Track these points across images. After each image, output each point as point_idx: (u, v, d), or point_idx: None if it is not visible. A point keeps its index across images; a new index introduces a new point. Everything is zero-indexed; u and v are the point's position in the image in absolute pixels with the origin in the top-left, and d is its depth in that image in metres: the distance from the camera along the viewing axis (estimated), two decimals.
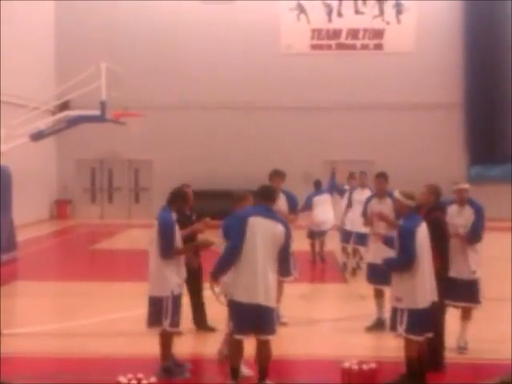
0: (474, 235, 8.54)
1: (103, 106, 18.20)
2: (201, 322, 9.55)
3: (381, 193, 9.93)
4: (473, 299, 8.59)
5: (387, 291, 9.57)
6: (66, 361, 8.30)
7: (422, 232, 7.19)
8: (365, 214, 10.13)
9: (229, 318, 6.93)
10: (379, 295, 9.78)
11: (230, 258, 6.86)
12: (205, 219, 8.28)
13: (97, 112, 18.29)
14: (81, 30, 26.44)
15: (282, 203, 9.89)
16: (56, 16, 26.56)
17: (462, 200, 8.60)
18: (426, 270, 7.16)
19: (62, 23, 26.54)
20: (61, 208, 26.85)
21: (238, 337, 6.86)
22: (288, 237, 6.96)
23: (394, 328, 7.23)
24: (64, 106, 21.38)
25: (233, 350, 6.98)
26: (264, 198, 7.06)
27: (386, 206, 9.61)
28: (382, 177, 10.04)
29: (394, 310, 7.23)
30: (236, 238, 6.85)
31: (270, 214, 6.97)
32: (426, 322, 7.15)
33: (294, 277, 9.84)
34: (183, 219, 9.08)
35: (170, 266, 7.51)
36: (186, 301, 9.38)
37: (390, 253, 9.09)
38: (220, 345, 8.00)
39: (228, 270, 6.89)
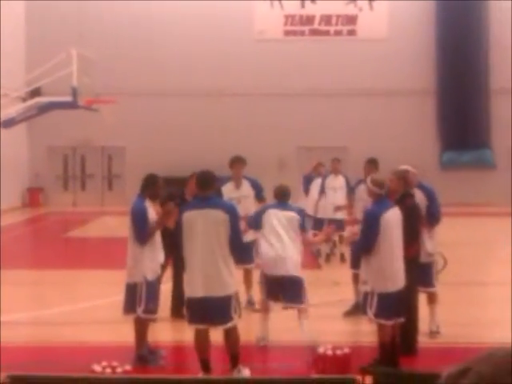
0: (433, 218, 8.52)
1: (75, 92, 18.03)
2: (176, 310, 9.50)
3: None
4: (428, 283, 8.50)
5: None
6: (40, 349, 8.27)
7: (392, 216, 7.24)
8: (352, 199, 10.11)
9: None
10: (357, 280, 9.82)
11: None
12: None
13: (68, 98, 18.13)
14: (51, 15, 26.13)
15: (246, 190, 9.87)
16: (26, 2, 26.20)
17: (408, 183, 8.46)
18: (395, 255, 7.23)
19: (32, 9, 26.21)
20: (33, 196, 26.62)
21: (194, 327, 6.89)
22: (234, 222, 6.77)
23: (365, 312, 7.33)
24: (35, 93, 21.13)
25: (196, 341, 6.91)
26: (200, 188, 6.91)
27: None
28: (372, 163, 9.97)
29: (365, 294, 7.31)
30: (178, 237, 6.91)
31: (206, 203, 6.78)
32: (396, 307, 7.23)
33: (255, 263, 9.88)
34: (181, 201, 9.05)
35: (144, 253, 7.54)
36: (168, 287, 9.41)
37: None
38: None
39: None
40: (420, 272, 8.15)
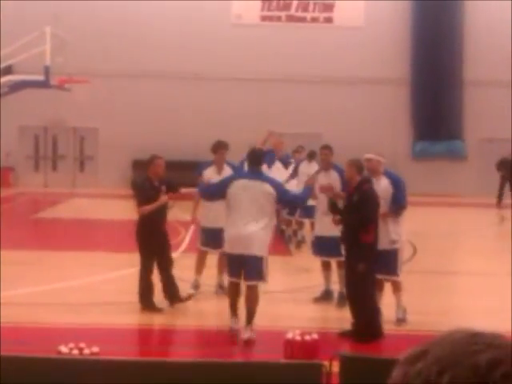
0: (398, 206, 8.50)
1: (47, 71, 17.79)
2: (174, 297, 9.12)
3: (326, 165, 9.91)
4: (390, 271, 8.44)
5: (334, 263, 9.71)
6: (7, 329, 8.18)
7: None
8: (312, 187, 10.09)
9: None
10: (326, 267, 9.87)
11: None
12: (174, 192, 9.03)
13: (41, 77, 17.89)
14: None
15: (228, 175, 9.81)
16: None
17: (372, 171, 8.52)
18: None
19: None
20: (3, 175, 26.27)
21: (231, 279, 8.01)
22: (280, 188, 8.03)
23: None
24: (7, 71, 20.81)
25: (230, 290, 8.13)
26: (253, 163, 8.12)
27: (331, 179, 9.65)
28: (326, 149, 10.01)
29: None
30: (217, 187, 8.24)
31: (257, 176, 7.97)
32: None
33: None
34: (151, 190, 8.92)
35: None
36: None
37: (335, 227, 9.24)
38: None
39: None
40: (382, 260, 8.13)
